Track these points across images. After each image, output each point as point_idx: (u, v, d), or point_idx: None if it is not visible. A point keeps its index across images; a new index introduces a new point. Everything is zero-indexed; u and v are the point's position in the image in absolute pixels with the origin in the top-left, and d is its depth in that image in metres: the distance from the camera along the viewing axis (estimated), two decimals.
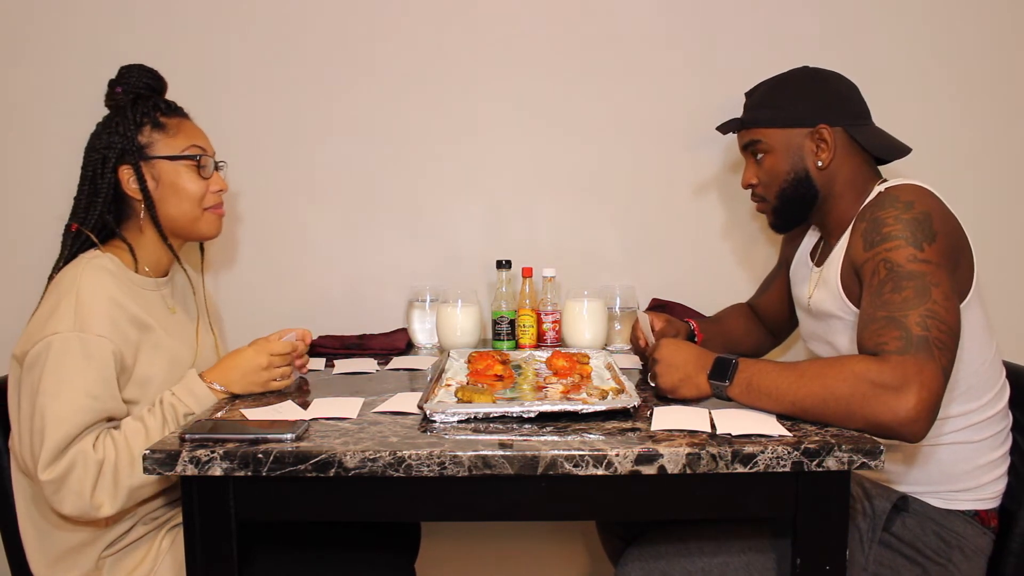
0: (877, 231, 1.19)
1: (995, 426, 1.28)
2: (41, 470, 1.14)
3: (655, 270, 1.92)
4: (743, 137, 1.41)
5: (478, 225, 1.92)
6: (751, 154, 1.40)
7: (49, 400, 1.15)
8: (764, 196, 1.40)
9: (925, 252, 1.13)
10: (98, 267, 1.26)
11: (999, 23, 1.86)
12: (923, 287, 1.10)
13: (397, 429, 1.10)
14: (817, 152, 1.32)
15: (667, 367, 1.20)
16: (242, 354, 1.31)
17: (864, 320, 1.15)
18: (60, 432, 1.14)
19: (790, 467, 1.00)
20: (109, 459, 1.16)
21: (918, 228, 1.15)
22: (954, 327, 1.10)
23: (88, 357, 1.18)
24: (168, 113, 1.37)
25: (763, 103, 1.37)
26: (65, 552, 1.24)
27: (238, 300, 1.90)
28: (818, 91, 1.34)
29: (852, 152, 1.33)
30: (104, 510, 1.16)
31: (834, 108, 1.32)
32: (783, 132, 1.34)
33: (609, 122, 1.89)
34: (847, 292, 1.28)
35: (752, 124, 1.38)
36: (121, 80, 1.37)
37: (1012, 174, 1.89)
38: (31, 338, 1.19)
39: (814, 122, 1.32)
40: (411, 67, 1.87)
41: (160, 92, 1.41)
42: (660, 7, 1.86)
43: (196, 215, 1.37)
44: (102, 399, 1.18)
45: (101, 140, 1.33)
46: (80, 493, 1.14)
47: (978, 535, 1.26)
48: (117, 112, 1.35)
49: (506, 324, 1.71)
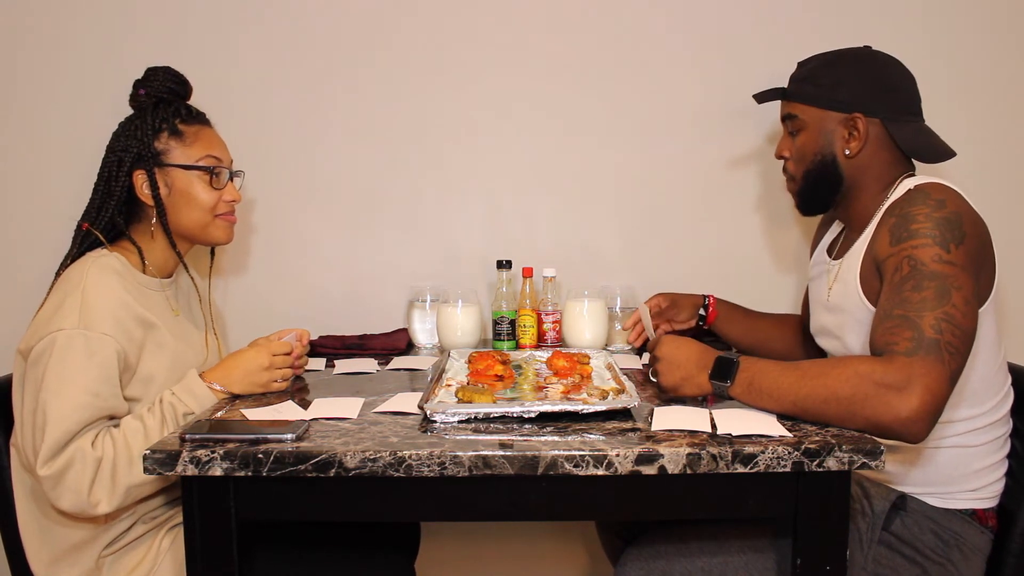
0: (905, 227, 1.17)
1: (996, 431, 1.28)
2: (40, 466, 1.14)
3: (656, 270, 1.92)
4: (783, 108, 1.39)
5: (478, 225, 1.92)
6: (788, 126, 1.38)
7: (51, 396, 1.15)
8: (793, 175, 1.38)
9: (951, 253, 1.11)
10: (104, 266, 1.27)
11: (1000, 22, 1.86)
12: (944, 289, 1.09)
13: (397, 429, 1.10)
14: (848, 140, 1.30)
15: (668, 365, 1.20)
16: (243, 354, 1.31)
17: (880, 316, 1.14)
18: (60, 429, 1.14)
19: (790, 467, 1.00)
20: (107, 457, 1.17)
21: (948, 228, 1.13)
22: (969, 332, 1.09)
23: (91, 355, 1.18)
24: (188, 120, 1.37)
25: (809, 78, 1.34)
26: (65, 550, 1.25)
27: (239, 300, 1.90)
28: (866, 78, 1.30)
29: (884, 147, 1.30)
30: (101, 507, 1.17)
31: (877, 98, 1.29)
32: (820, 112, 1.32)
33: (609, 122, 1.89)
34: (865, 287, 1.26)
35: (793, 97, 1.35)
36: (146, 82, 1.37)
37: (1016, 176, 1.89)
38: (36, 334, 1.20)
39: (851, 109, 1.29)
40: (412, 67, 1.87)
41: (184, 97, 1.41)
42: (661, 6, 1.86)
43: (207, 222, 1.37)
44: (103, 397, 1.19)
45: (119, 142, 1.34)
46: (77, 490, 1.15)
47: (976, 534, 1.26)
48: (138, 115, 1.36)
49: (506, 324, 1.71)
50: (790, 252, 1.91)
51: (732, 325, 1.65)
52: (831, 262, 1.40)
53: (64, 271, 1.29)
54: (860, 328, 1.27)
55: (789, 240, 1.91)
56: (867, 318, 1.24)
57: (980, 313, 1.16)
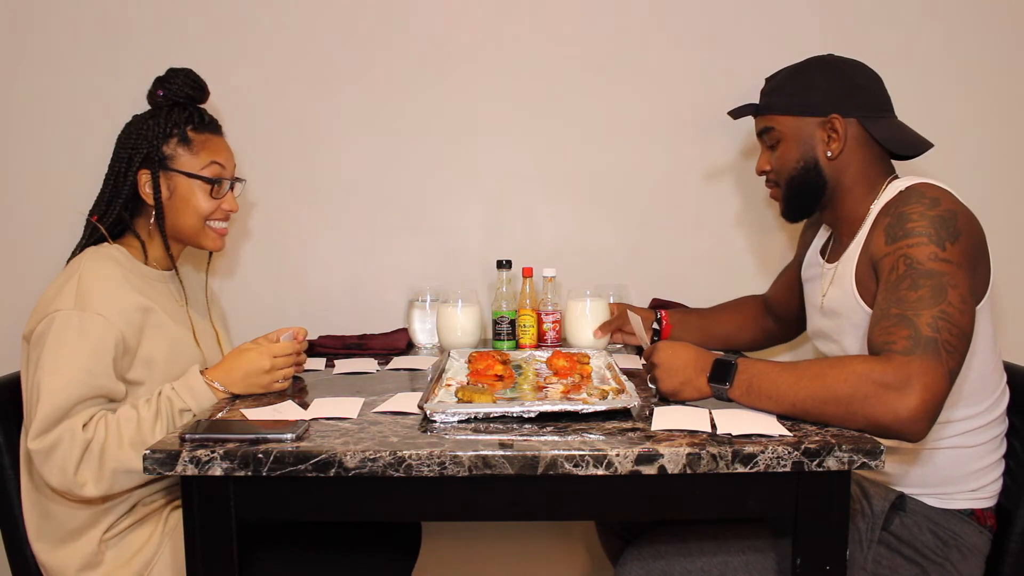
0: (900, 226, 1.17)
1: (993, 431, 1.28)
2: (31, 439, 1.18)
3: (656, 270, 1.92)
4: (758, 123, 1.40)
5: (478, 225, 1.92)
6: (765, 140, 1.39)
7: (45, 374, 1.19)
8: (777, 183, 1.40)
9: (947, 251, 1.12)
10: (103, 255, 1.32)
11: (999, 22, 1.86)
12: (940, 287, 1.09)
13: (397, 429, 1.10)
14: (828, 142, 1.31)
15: (666, 371, 1.19)
16: (245, 355, 1.31)
17: (876, 315, 1.14)
18: (51, 403, 1.17)
19: (790, 467, 1.00)
20: (97, 439, 1.19)
21: (942, 226, 1.14)
22: (966, 330, 1.09)
23: (84, 334, 1.21)
24: (199, 128, 1.40)
25: (779, 89, 1.36)
26: (67, 534, 1.26)
27: (239, 299, 1.90)
28: (835, 80, 1.32)
29: (864, 144, 1.31)
30: (88, 489, 1.19)
31: (849, 98, 1.30)
32: (796, 120, 1.33)
33: (610, 122, 1.89)
34: (861, 289, 1.26)
35: (766, 110, 1.37)
36: (166, 82, 1.40)
37: (1015, 174, 1.89)
38: (37, 316, 1.25)
39: (826, 111, 1.30)
40: (412, 67, 1.87)
41: (201, 102, 1.44)
42: (661, 6, 1.86)
43: (199, 228, 1.41)
44: (95, 374, 1.21)
45: (131, 139, 1.37)
46: (64, 468, 1.17)
47: (974, 534, 1.26)
48: (152, 114, 1.39)
49: (506, 324, 1.71)
50: (790, 250, 1.91)
51: (689, 333, 1.66)
52: (825, 265, 1.40)
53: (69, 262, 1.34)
54: (857, 332, 1.27)
55: (790, 238, 1.90)
56: (864, 321, 1.24)
57: (976, 311, 1.16)
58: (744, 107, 1.42)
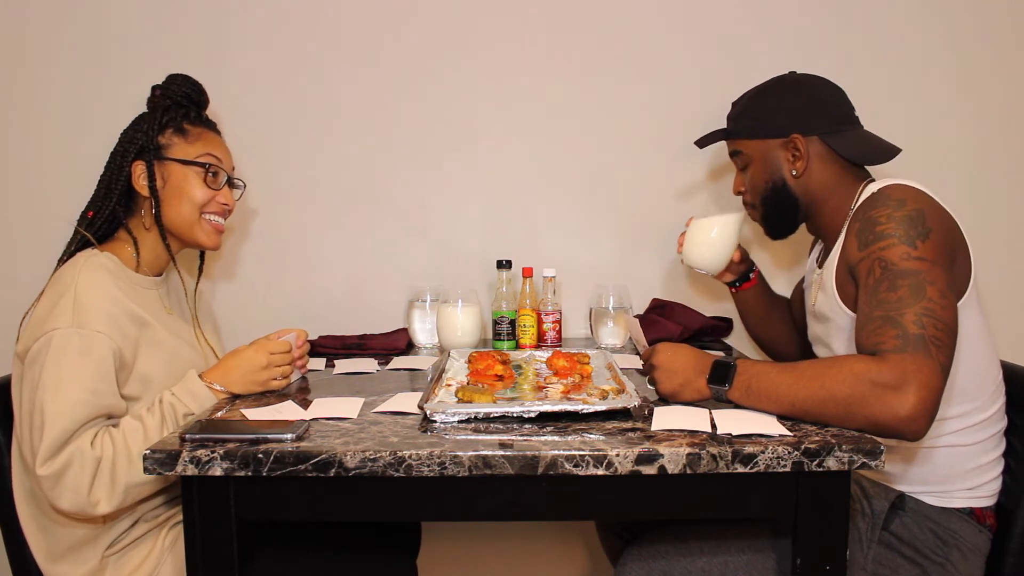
0: (870, 230, 1.19)
1: (991, 428, 1.28)
2: (39, 465, 1.14)
3: (656, 270, 1.92)
4: (728, 146, 1.45)
5: (478, 225, 1.92)
6: (736, 163, 1.43)
7: (48, 396, 1.15)
8: (752, 204, 1.43)
9: (919, 249, 1.13)
10: (96, 264, 1.27)
11: (999, 21, 1.86)
12: (918, 285, 1.11)
13: (397, 429, 1.10)
14: (793, 161, 1.35)
15: (666, 373, 1.19)
16: (242, 354, 1.31)
17: (861, 320, 1.15)
18: (58, 427, 1.14)
19: (790, 467, 1.00)
20: (107, 457, 1.17)
21: (911, 226, 1.15)
22: (951, 324, 1.10)
23: (86, 353, 1.18)
24: (195, 122, 1.40)
25: (744, 113, 1.40)
26: (67, 549, 1.25)
27: (239, 300, 1.90)
28: (795, 100, 1.35)
29: (828, 159, 1.33)
30: (101, 507, 1.17)
31: (810, 117, 1.33)
32: (760, 143, 1.37)
33: (610, 122, 1.89)
34: (841, 294, 1.28)
35: (732, 135, 1.42)
36: (164, 86, 1.41)
37: (1009, 173, 1.89)
38: (31, 335, 1.21)
39: (787, 132, 1.34)
40: (412, 68, 1.87)
41: (199, 104, 1.44)
42: (662, 8, 1.86)
43: (194, 219, 1.37)
44: (100, 394, 1.19)
45: (127, 135, 1.37)
46: (77, 490, 1.15)
47: (974, 533, 1.26)
48: (149, 112, 1.38)
49: (506, 324, 1.71)
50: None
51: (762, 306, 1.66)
52: (816, 271, 1.42)
53: (56, 271, 1.30)
54: (843, 335, 1.29)
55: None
56: (848, 325, 1.26)
57: (960, 306, 1.17)
58: (711, 134, 1.47)
